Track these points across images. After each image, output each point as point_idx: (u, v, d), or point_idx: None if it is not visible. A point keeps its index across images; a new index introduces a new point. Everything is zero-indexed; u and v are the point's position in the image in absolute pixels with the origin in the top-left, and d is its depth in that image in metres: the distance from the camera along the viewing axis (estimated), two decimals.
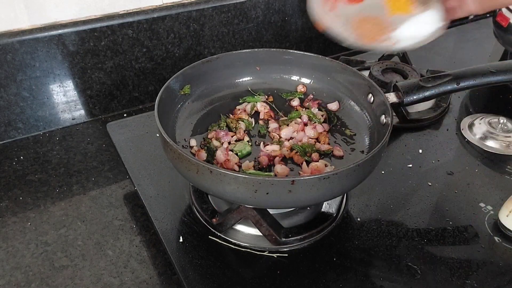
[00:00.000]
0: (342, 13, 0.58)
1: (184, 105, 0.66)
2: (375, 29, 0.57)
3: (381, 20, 0.57)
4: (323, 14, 0.57)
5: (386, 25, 0.57)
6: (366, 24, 0.57)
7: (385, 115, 0.59)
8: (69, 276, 0.54)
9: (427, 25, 0.56)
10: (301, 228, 0.58)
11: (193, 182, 0.54)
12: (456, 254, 0.57)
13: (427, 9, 0.57)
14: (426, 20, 0.57)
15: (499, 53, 1.05)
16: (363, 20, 0.58)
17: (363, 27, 0.57)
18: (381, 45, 0.57)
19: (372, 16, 0.58)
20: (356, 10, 0.58)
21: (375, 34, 0.57)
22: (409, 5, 0.58)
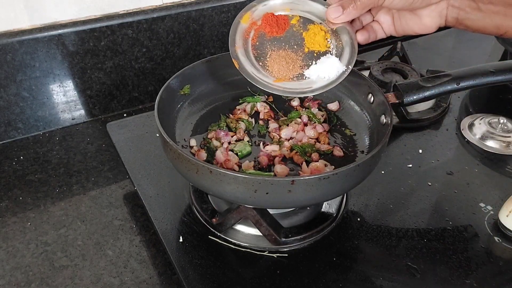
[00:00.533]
0: (260, 45, 0.59)
1: (184, 105, 0.66)
2: (289, 65, 0.58)
3: (295, 57, 0.59)
4: (241, 45, 0.58)
5: (301, 62, 0.59)
6: (282, 60, 0.58)
7: (385, 115, 0.59)
8: (69, 276, 0.54)
9: (337, 64, 0.57)
10: (301, 228, 0.58)
11: (193, 182, 0.54)
12: (456, 254, 0.57)
13: (340, 45, 0.59)
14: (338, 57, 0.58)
15: (499, 53, 1.05)
16: (279, 55, 0.59)
17: (278, 63, 0.58)
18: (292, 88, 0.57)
19: (289, 51, 0.59)
20: (274, 43, 0.59)
21: (289, 70, 0.58)
22: (325, 42, 0.59)
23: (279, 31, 0.60)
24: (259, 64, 0.58)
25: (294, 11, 0.61)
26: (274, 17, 0.60)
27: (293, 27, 0.60)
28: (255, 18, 0.60)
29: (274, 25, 0.60)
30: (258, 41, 0.59)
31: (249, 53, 0.58)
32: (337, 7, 0.56)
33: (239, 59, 0.58)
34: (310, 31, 0.60)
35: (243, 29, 0.59)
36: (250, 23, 0.60)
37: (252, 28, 0.60)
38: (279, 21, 0.60)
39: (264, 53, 0.59)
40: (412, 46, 1.07)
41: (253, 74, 0.57)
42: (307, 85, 0.57)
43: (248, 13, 0.60)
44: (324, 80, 0.57)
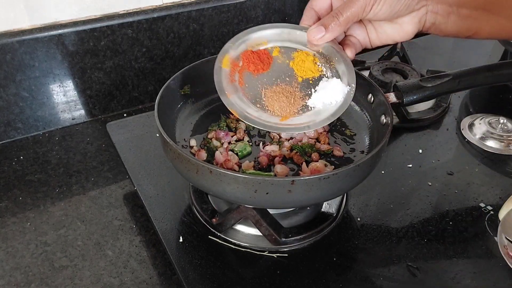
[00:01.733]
0: (251, 86, 0.55)
1: (184, 105, 0.66)
2: (290, 99, 0.54)
3: (292, 89, 0.55)
4: (233, 91, 0.54)
5: (300, 93, 0.55)
6: (280, 96, 0.54)
7: (385, 115, 0.59)
8: (68, 276, 0.54)
9: (339, 85, 0.54)
10: (301, 228, 0.58)
11: (193, 182, 0.54)
12: (456, 253, 0.57)
13: (333, 66, 0.56)
14: (338, 78, 0.55)
15: (499, 53, 1.05)
16: (274, 92, 0.55)
17: (277, 101, 0.54)
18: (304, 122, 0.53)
19: (283, 85, 0.55)
20: (264, 81, 0.55)
21: (291, 105, 0.54)
22: (315, 66, 0.56)
23: (264, 67, 0.56)
24: (257, 106, 0.54)
25: (272, 43, 0.58)
26: (254, 53, 0.56)
27: (277, 60, 0.57)
28: (234, 59, 0.56)
29: (257, 61, 0.56)
30: (247, 83, 0.55)
31: (243, 98, 0.54)
32: (319, 27, 0.54)
33: (236, 106, 0.53)
34: (297, 59, 0.56)
35: (227, 74, 0.55)
36: (231, 65, 0.55)
37: (235, 70, 0.55)
38: (260, 56, 0.56)
39: (258, 93, 0.54)
40: (412, 46, 1.07)
41: (257, 119, 0.52)
42: (316, 115, 0.53)
43: (226, 56, 0.56)
44: (332, 106, 0.54)
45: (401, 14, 0.54)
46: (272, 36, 0.58)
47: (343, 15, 0.53)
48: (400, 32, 0.56)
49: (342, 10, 0.53)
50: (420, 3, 0.53)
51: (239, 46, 0.57)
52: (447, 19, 0.55)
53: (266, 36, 0.58)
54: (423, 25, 0.55)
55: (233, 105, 0.53)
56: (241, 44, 0.57)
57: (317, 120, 0.53)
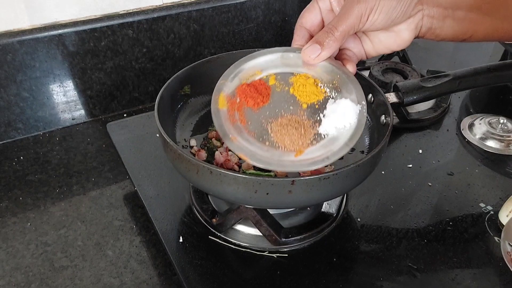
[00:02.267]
0: (255, 123, 0.49)
1: (184, 105, 0.66)
2: (299, 130, 0.49)
3: (299, 118, 0.50)
4: (237, 133, 0.48)
5: (308, 121, 0.49)
6: (289, 128, 0.49)
7: (385, 115, 0.59)
8: (69, 276, 0.54)
9: (349, 105, 0.49)
10: (301, 228, 0.58)
11: (193, 182, 0.54)
12: (456, 254, 0.57)
13: (337, 85, 0.51)
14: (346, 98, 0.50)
15: (499, 53, 1.05)
16: (281, 125, 0.49)
17: (287, 134, 0.49)
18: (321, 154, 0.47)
19: (289, 116, 0.50)
20: (267, 114, 0.50)
21: (303, 136, 0.48)
22: (318, 88, 0.51)
23: (264, 99, 0.51)
24: (266, 144, 0.48)
25: (266, 71, 0.53)
26: (250, 86, 0.51)
27: (275, 89, 0.52)
28: (230, 96, 0.51)
29: (255, 95, 0.51)
30: (249, 120, 0.50)
31: (248, 138, 0.48)
32: (314, 45, 0.50)
33: (245, 150, 0.47)
34: (296, 85, 0.52)
35: (226, 114, 0.50)
36: (229, 104, 0.50)
37: (234, 108, 0.50)
38: (258, 88, 0.51)
39: (264, 129, 0.49)
40: (412, 46, 1.06)
41: (271, 160, 0.47)
42: (332, 143, 0.48)
43: (221, 94, 0.51)
44: (347, 130, 0.49)
45: (397, 22, 0.52)
46: (264, 64, 0.54)
47: (339, 29, 0.49)
48: (397, 40, 0.54)
49: (336, 24, 0.49)
50: (416, 8, 0.51)
51: (232, 82, 0.52)
52: (442, 23, 0.53)
53: (258, 65, 0.54)
54: (419, 31, 0.54)
55: (242, 149, 0.47)
56: (233, 79, 0.53)
57: (335, 148, 0.48)
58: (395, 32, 0.54)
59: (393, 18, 0.51)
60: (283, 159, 0.47)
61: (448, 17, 0.53)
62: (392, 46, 0.55)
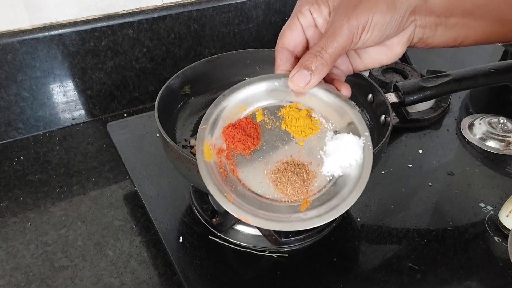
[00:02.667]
0: (249, 172, 0.43)
1: (184, 105, 0.66)
2: (301, 176, 0.43)
3: (298, 160, 0.44)
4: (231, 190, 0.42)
5: (309, 162, 0.44)
6: (289, 175, 0.43)
7: (385, 115, 0.59)
8: (69, 276, 0.54)
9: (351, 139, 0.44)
10: None
11: (193, 182, 0.54)
12: (456, 254, 0.57)
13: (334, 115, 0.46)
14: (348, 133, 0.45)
15: (499, 53, 1.04)
16: (279, 171, 0.44)
17: (288, 183, 0.43)
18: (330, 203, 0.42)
19: (286, 159, 0.44)
20: (262, 159, 0.44)
21: (306, 182, 0.43)
22: (312, 120, 0.46)
23: (254, 141, 0.45)
24: (267, 198, 0.42)
25: (251, 107, 0.47)
26: (236, 127, 0.45)
27: (265, 126, 0.46)
28: (215, 143, 0.44)
29: (244, 137, 0.44)
30: (242, 169, 0.43)
31: (246, 194, 0.42)
32: (301, 71, 0.44)
33: (245, 211, 0.41)
34: (288, 119, 0.46)
35: (215, 167, 0.43)
36: (215, 153, 0.44)
37: (221, 157, 0.43)
38: (245, 128, 0.45)
39: (261, 179, 0.43)
40: None
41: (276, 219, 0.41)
42: (340, 186, 0.43)
43: (205, 143, 0.44)
44: (353, 168, 0.43)
45: (390, 37, 0.47)
46: (248, 98, 0.47)
47: (328, 51, 0.43)
48: (388, 54, 0.50)
49: (325, 45, 0.43)
50: (409, 19, 0.47)
51: (215, 125, 0.45)
52: (434, 32, 0.49)
53: (242, 100, 0.47)
54: (411, 42, 0.50)
55: (242, 211, 0.41)
56: (216, 121, 0.46)
57: (345, 193, 0.43)
58: (386, 47, 0.49)
59: (386, 34, 0.46)
60: (291, 217, 0.41)
61: (441, 25, 0.49)
62: (382, 61, 0.51)
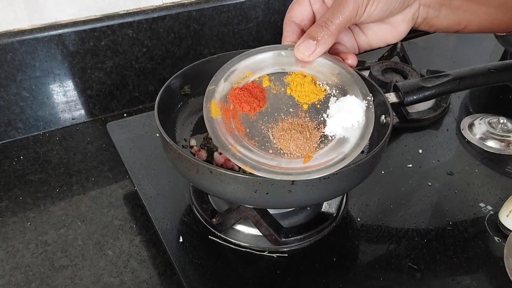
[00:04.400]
0: (254, 130, 0.46)
1: (184, 105, 0.66)
2: (305, 134, 0.45)
3: (302, 121, 0.46)
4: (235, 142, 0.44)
5: (312, 123, 0.46)
6: (292, 133, 0.45)
7: (385, 115, 0.59)
8: (69, 276, 0.54)
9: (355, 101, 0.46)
10: (301, 228, 0.58)
11: (193, 182, 0.54)
12: (456, 254, 0.57)
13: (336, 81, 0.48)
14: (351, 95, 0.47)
15: (499, 53, 1.05)
16: (283, 130, 0.46)
17: (291, 139, 0.45)
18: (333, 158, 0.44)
19: (290, 119, 0.46)
20: (267, 119, 0.47)
21: (309, 140, 0.45)
22: (317, 87, 0.48)
23: (260, 103, 0.47)
24: (269, 152, 0.44)
25: (258, 73, 0.49)
26: (243, 90, 0.48)
27: (271, 91, 0.48)
28: (223, 103, 0.47)
29: (250, 99, 0.47)
30: (247, 128, 0.46)
31: (250, 148, 0.45)
32: (307, 41, 0.46)
33: (248, 161, 0.43)
34: (293, 84, 0.48)
35: (222, 124, 0.46)
36: (222, 112, 0.46)
37: (228, 116, 0.46)
38: (252, 92, 0.48)
39: (265, 136, 0.45)
40: (412, 46, 1.07)
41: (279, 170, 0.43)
42: (342, 144, 0.45)
43: (212, 102, 0.47)
44: (355, 129, 0.46)
45: (395, 12, 0.48)
46: (255, 64, 0.50)
47: (334, 22, 0.45)
48: (393, 32, 0.51)
49: (331, 17, 0.45)
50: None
51: (222, 87, 0.48)
52: (438, 12, 0.50)
53: (249, 66, 0.50)
54: (415, 21, 0.51)
55: (245, 161, 0.43)
56: (224, 84, 0.49)
57: (346, 150, 0.45)
58: (390, 24, 0.51)
59: (391, 9, 0.47)
60: (291, 167, 0.44)
61: (445, 6, 0.50)
62: (387, 39, 0.52)
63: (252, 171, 0.43)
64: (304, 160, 0.44)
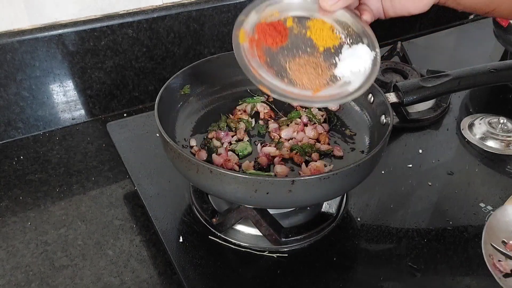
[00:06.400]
0: (273, 60, 0.51)
1: (184, 105, 0.66)
2: (317, 70, 0.51)
3: (317, 60, 0.52)
4: (257, 66, 0.50)
5: (325, 63, 0.52)
6: (307, 68, 0.51)
7: (385, 115, 0.59)
8: (69, 275, 0.54)
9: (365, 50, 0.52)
10: (301, 228, 0.58)
11: (193, 182, 0.54)
12: (456, 254, 0.57)
13: (352, 32, 0.53)
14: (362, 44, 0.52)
15: (499, 53, 1.04)
16: (299, 64, 0.51)
17: (305, 73, 0.51)
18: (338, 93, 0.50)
19: (306, 57, 0.52)
20: (286, 54, 0.52)
21: (320, 76, 0.51)
22: (334, 34, 0.53)
23: (282, 39, 0.52)
24: (284, 81, 0.50)
25: (284, 13, 0.54)
26: (269, 25, 0.52)
27: (293, 30, 0.53)
28: (249, 33, 0.52)
29: (274, 34, 0.52)
30: (268, 57, 0.51)
31: (268, 74, 0.50)
32: None
33: (265, 83, 0.49)
34: (313, 28, 0.53)
35: (247, 49, 0.51)
36: (249, 40, 0.52)
37: (252, 45, 0.52)
38: (276, 28, 0.53)
39: (282, 67, 0.51)
40: (412, 46, 1.07)
41: (290, 95, 0.49)
42: (347, 85, 0.50)
43: (241, 29, 0.52)
44: (362, 74, 0.51)
45: None
46: (283, 6, 0.55)
47: None
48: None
49: None
50: None
51: (252, 18, 0.53)
52: None
53: (277, 6, 0.55)
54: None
55: (262, 82, 0.49)
56: (254, 16, 0.53)
57: (350, 89, 0.50)
58: None
59: None
60: (301, 94, 0.49)
61: None
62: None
63: (267, 91, 0.48)
64: (313, 91, 0.50)
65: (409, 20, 1.13)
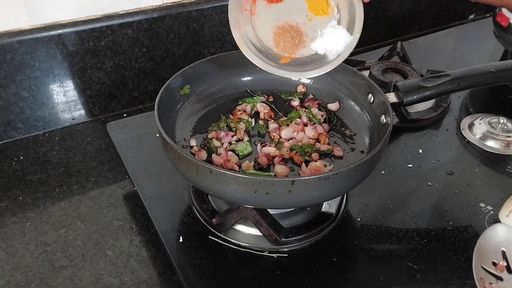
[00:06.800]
0: (262, 18, 0.57)
1: (184, 105, 0.66)
2: (295, 39, 0.56)
3: (300, 29, 0.57)
4: (243, 23, 0.56)
5: (306, 34, 0.57)
6: (286, 34, 0.57)
7: (385, 115, 0.59)
8: (68, 276, 0.54)
9: (344, 33, 0.56)
10: (301, 228, 0.58)
11: (193, 182, 0.54)
12: (456, 254, 0.57)
13: (344, 9, 0.56)
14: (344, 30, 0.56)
15: (499, 53, 1.04)
16: (282, 29, 0.57)
17: (283, 39, 0.57)
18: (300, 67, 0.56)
19: (292, 23, 0.57)
20: (276, 14, 0.57)
21: (295, 46, 0.56)
22: (328, 6, 0.57)
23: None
24: (263, 43, 0.56)
25: None
26: None
27: None
28: None
29: None
30: (259, 14, 0.57)
31: (252, 32, 0.56)
32: None
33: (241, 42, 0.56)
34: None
35: (241, 2, 0.56)
36: None
37: None
38: None
39: (267, 28, 0.56)
40: (412, 46, 1.07)
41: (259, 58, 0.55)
42: (316, 60, 0.55)
43: None
44: (333, 54, 0.56)
45: None
46: None
47: None
48: None
49: None
50: None
51: None
52: None
53: None
54: None
55: (240, 41, 0.56)
56: None
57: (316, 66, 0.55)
58: None
59: None
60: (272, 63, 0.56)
61: None
62: None
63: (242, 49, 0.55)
64: (282, 59, 0.56)
65: (409, 20, 1.13)
